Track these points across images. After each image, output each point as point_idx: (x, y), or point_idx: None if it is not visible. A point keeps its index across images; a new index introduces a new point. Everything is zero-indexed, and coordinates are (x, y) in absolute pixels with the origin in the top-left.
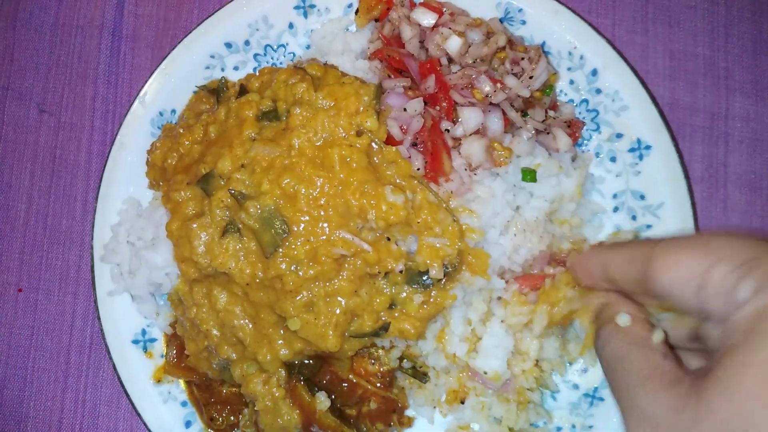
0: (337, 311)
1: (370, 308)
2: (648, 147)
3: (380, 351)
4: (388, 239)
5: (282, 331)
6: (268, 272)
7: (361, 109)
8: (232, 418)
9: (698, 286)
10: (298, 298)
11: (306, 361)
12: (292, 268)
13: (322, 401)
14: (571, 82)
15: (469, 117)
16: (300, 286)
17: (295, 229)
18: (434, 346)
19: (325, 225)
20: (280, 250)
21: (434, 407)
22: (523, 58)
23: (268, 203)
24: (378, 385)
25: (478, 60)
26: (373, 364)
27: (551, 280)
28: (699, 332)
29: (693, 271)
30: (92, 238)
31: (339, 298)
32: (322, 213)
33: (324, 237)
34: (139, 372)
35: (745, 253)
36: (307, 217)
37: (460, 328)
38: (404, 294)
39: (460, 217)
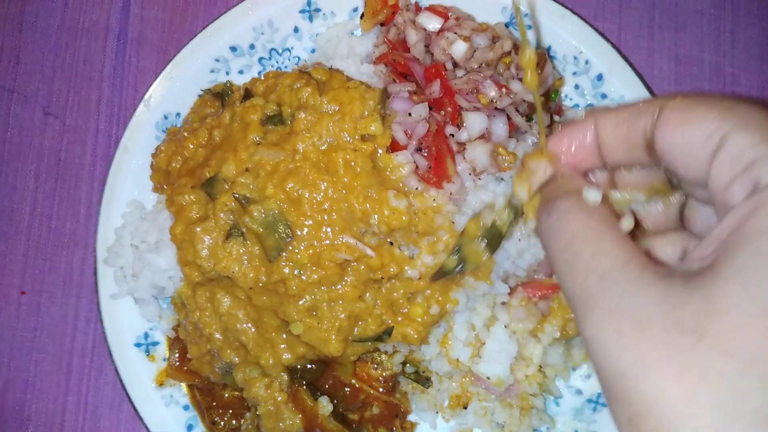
0: (341, 316)
1: (373, 313)
2: None
3: (383, 356)
4: (391, 244)
5: (285, 336)
6: (271, 276)
7: (366, 113)
8: (234, 422)
9: (713, 151)
10: (301, 303)
11: (309, 366)
12: (296, 272)
13: (325, 406)
14: (577, 86)
15: (474, 122)
16: (303, 290)
17: (299, 233)
18: (437, 351)
19: (329, 229)
20: (284, 254)
21: (437, 412)
22: None
23: (272, 207)
24: (380, 390)
25: (483, 65)
26: (376, 368)
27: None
28: (683, 215)
29: (709, 132)
30: (96, 241)
31: (343, 303)
32: (326, 217)
33: (327, 241)
34: (141, 375)
35: (757, 130)
36: (310, 222)
37: (463, 333)
38: None
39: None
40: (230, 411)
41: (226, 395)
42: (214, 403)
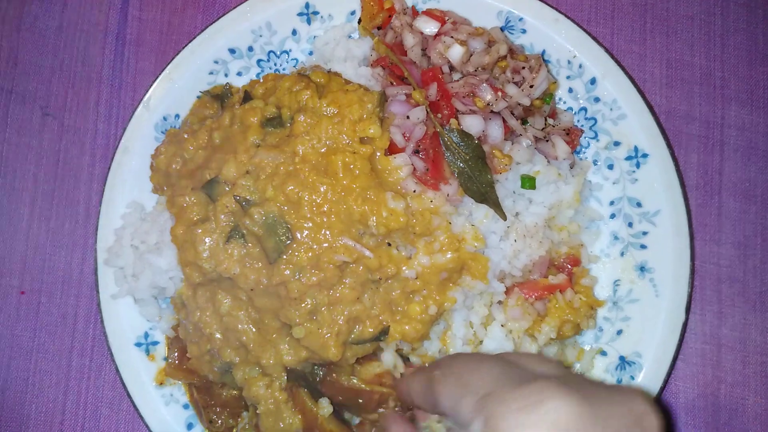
0: (341, 320)
1: (371, 315)
2: (645, 155)
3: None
4: (389, 245)
5: (287, 339)
6: (272, 278)
7: (365, 116)
8: (231, 421)
9: (455, 414)
10: (302, 305)
11: (314, 369)
12: (296, 275)
13: (325, 407)
14: (570, 90)
15: (471, 125)
16: (304, 293)
17: (299, 235)
18: (438, 347)
19: (328, 231)
20: (284, 256)
21: None
22: (523, 67)
23: (272, 209)
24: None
25: (479, 68)
26: (380, 365)
27: (563, 296)
28: None
29: (452, 401)
30: (96, 242)
31: (342, 306)
32: (325, 219)
33: (326, 244)
34: (141, 374)
35: (484, 387)
36: (310, 224)
37: (462, 330)
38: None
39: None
40: (227, 410)
41: (224, 394)
42: (212, 402)
